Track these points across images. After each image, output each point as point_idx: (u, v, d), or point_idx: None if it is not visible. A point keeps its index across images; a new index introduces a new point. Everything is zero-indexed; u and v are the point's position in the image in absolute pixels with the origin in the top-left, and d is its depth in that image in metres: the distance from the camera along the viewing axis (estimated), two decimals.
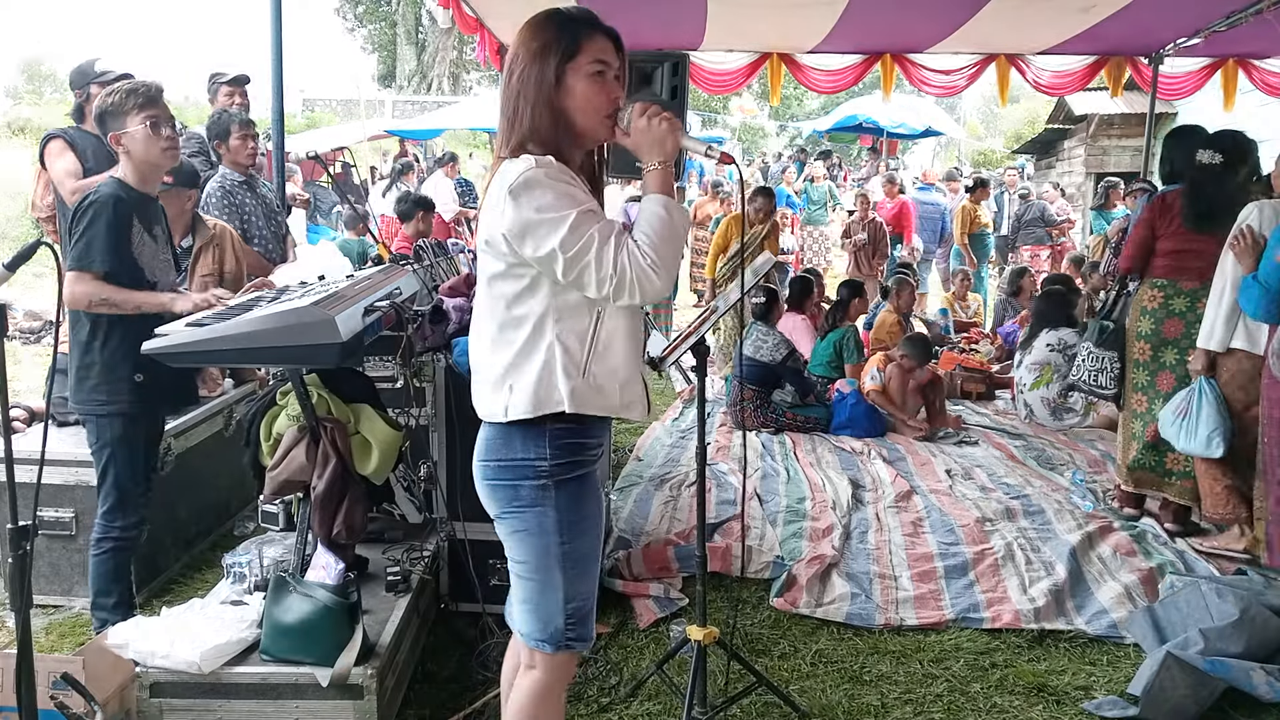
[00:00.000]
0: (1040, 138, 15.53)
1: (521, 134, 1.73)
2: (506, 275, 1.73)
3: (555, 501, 1.77)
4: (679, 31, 6.50)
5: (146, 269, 2.74)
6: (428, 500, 3.09)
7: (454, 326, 3.01)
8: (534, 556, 1.80)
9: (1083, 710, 2.68)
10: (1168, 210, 3.95)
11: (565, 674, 1.92)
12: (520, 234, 1.66)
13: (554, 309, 1.72)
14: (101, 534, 2.82)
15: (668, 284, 1.69)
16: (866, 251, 9.48)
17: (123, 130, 2.70)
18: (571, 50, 1.72)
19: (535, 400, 1.72)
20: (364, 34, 31.53)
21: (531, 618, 1.84)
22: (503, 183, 1.68)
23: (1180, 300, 3.95)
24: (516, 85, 1.74)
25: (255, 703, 2.31)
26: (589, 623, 1.87)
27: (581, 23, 1.75)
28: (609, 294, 1.66)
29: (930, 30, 6.49)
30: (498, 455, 1.79)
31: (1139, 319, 4.07)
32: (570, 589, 1.81)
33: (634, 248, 1.66)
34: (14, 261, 1.79)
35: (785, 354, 5.75)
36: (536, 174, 1.66)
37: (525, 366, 1.73)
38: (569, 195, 1.67)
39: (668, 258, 1.68)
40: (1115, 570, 3.57)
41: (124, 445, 2.77)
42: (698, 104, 22.65)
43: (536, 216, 1.64)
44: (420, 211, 6.15)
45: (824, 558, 3.61)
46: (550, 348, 1.72)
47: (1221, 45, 6.70)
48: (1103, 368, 4.25)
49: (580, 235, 1.63)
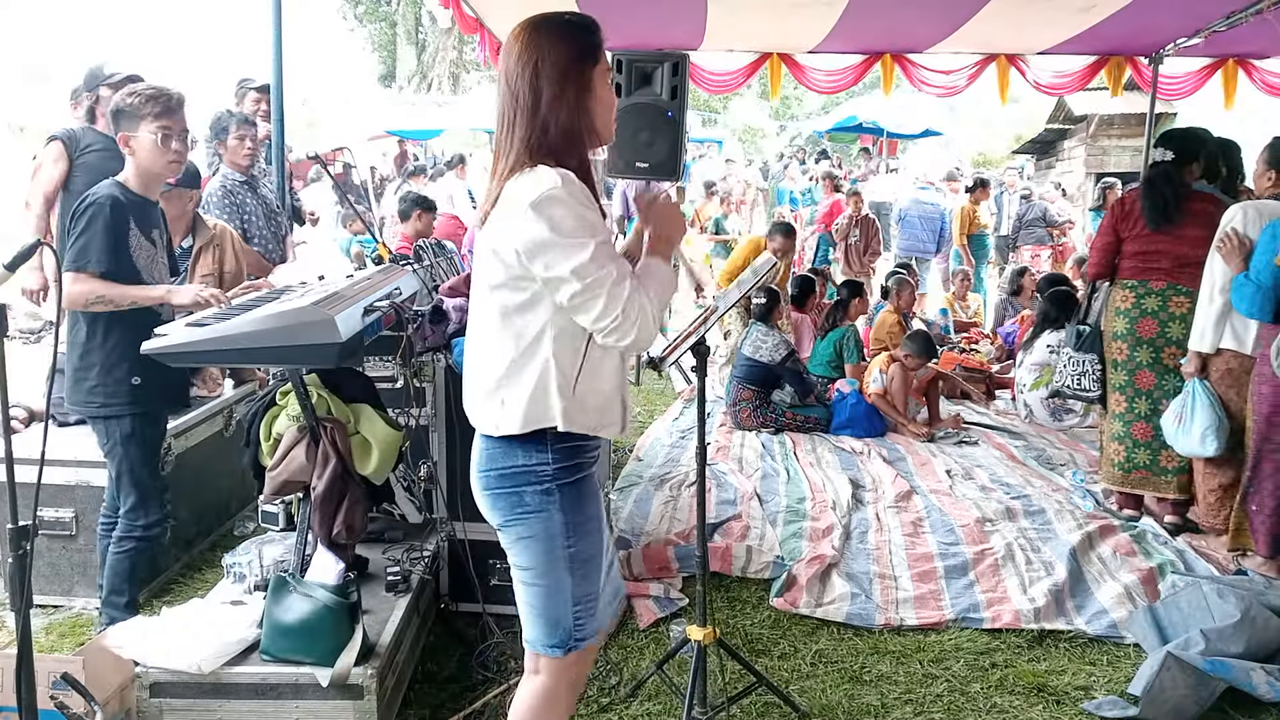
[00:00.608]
0: (1040, 138, 15.53)
1: (538, 139, 1.71)
2: (509, 286, 1.72)
3: (560, 504, 1.77)
4: (679, 31, 6.50)
5: (144, 271, 2.74)
6: (428, 500, 3.09)
7: (454, 326, 3.01)
8: (541, 562, 1.80)
9: (1083, 710, 2.68)
10: (1128, 214, 4.03)
11: (570, 678, 1.92)
12: (533, 251, 1.65)
13: (552, 324, 1.72)
14: (124, 533, 2.82)
15: (655, 336, 1.74)
16: (857, 248, 9.48)
17: (134, 134, 2.70)
18: (598, 55, 1.77)
19: (526, 417, 1.73)
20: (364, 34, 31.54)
21: (539, 623, 1.84)
22: (522, 195, 1.66)
23: (1152, 300, 3.99)
24: (546, 88, 1.72)
25: (255, 703, 2.31)
26: (593, 621, 1.88)
27: (598, 29, 1.80)
28: (605, 328, 1.68)
29: (930, 30, 6.48)
30: (499, 464, 1.79)
31: (1114, 320, 4.11)
32: (578, 590, 1.82)
33: (642, 296, 1.69)
34: (14, 261, 1.79)
35: (785, 355, 5.75)
36: (560, 193, 1.64)
37: (520, 379, 1.73)
38: (590, 223, 1.67)
39: (661, 314, 1.75)
40: (1115, 570, 3.57)
41: (134, 442, 2.77)
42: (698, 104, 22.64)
43: (554, 238, 1.63)
44: (418, 210, 6.15)
45: (824, 558, 3.61)
46: (546, 363, 1.72)
47: (1221, 45, 6.70)
48: (1084, 370, 4.29)
49: (599, 266, 1.64)
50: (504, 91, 1.76)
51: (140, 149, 2.71)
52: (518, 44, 1.75)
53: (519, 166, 1.71)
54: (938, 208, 10.51)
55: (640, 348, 1.74)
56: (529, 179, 1.67)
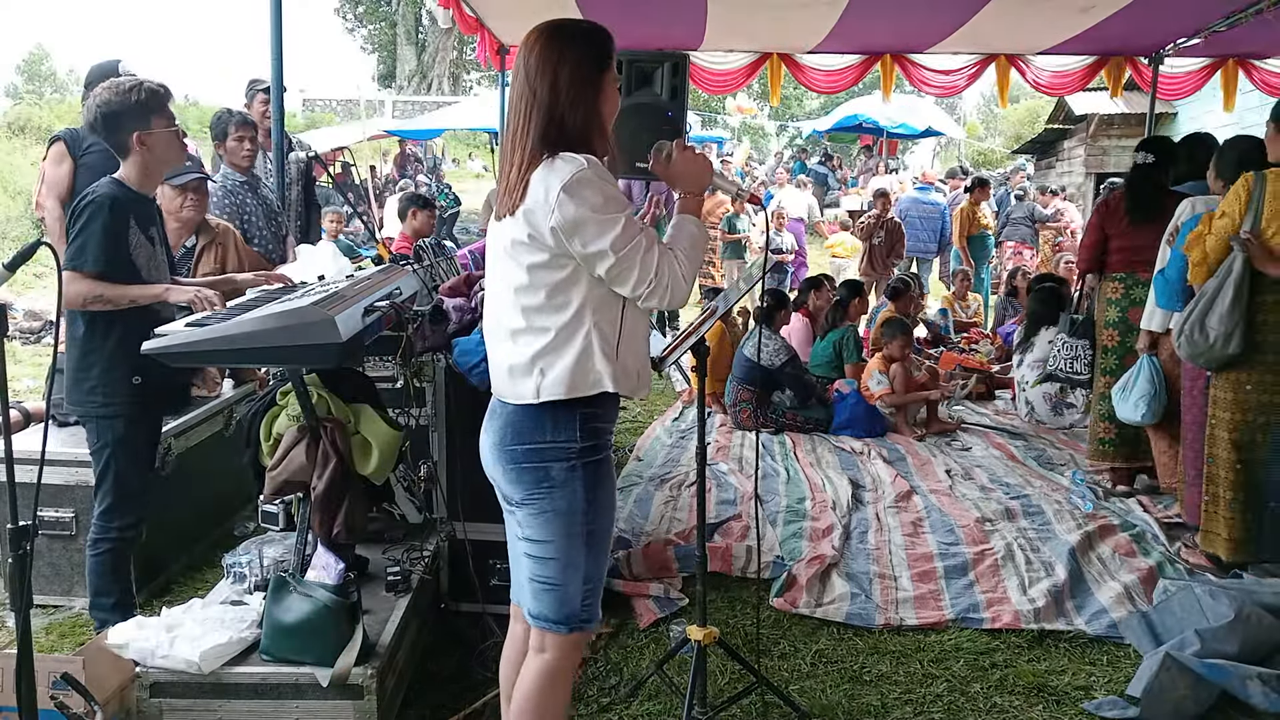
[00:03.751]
0: (1040, 138, 15.53)
1: (555, 134, 1.81)
2: (550, 265, 1.81)
3: (583, 480, 1.87)
4: (679, 31, 6.51)
5: (143, 270, 2.74)
6: (428, 500, 3.09)
7: (454, 326, 3.00)
8: (560, 536, 1.88)
9: (1083, 710, 2.68)
10: (1113, 212, 4.44)
11: (575, 657, 1.99)
12: (571, 230, 1.76)
13: (593, 298, 1.83)
14: (98, 534, 2.80)
15: (690, 291, 1.88)
16: (881, 250, 9.47)
17: (149, 130, 2.69)
18: (609, 59, 1.89)
19: (571, 382, 1.82)
20: (364, 34, 31.55)
21: (548, 598, 1.90)
22: (553, 180, 1.76)
23: (1140, 290, 4.31)
24: (566, 88, 1.82)
25: (255, 703, 2.31)
26: (599, 603, 1.96)
27: (611, 39, 1.91)
28: (643, 294, 1.81)
29: (930, 30, 6.49)
30: (528, 439, 1.87)
31: (1105, 309, 4.52)
32: (590, 568, 1.91)
33: (672, 258, 1.83)
34: (14, 261, 1.78)
35: (785, 360, 5.74)
36: (588, 174, 1.76)
37: (563, 350, 1.83)
38: (616, 199, 1.79)
39: (694, 271, 1.87)
40: (1115, 570, 3.57)
41: (124, 446, 2.76)
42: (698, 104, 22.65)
43: (590, 215, 1.75)
44: (415, 209, 6.16)
45: (824, 558, 3.61)
46: (589, 333, 1.83)
47: (1221, 45, 6.71)
48: (1076, 355, 4.87)
49: (630, 238, 1.77)
50: (523, 89, 1.85)
51: (158, 145, 2.72)
52: (539, 44, 1.85)
53: (536, 159, 1.81)
54: (938, 207, 10.52)
55: (675, 305, 1.87)
56: (557, 166, 1.78)
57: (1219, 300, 3.34)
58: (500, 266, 1.89)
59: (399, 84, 27.99)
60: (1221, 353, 3.35)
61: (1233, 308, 3.31)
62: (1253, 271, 3.29)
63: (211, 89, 27.53)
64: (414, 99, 24.29)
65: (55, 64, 30.07)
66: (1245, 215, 3.29)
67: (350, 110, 21.84)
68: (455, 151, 22.83)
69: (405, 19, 28.55)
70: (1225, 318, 3.32)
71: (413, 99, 24.33)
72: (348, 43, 25.64)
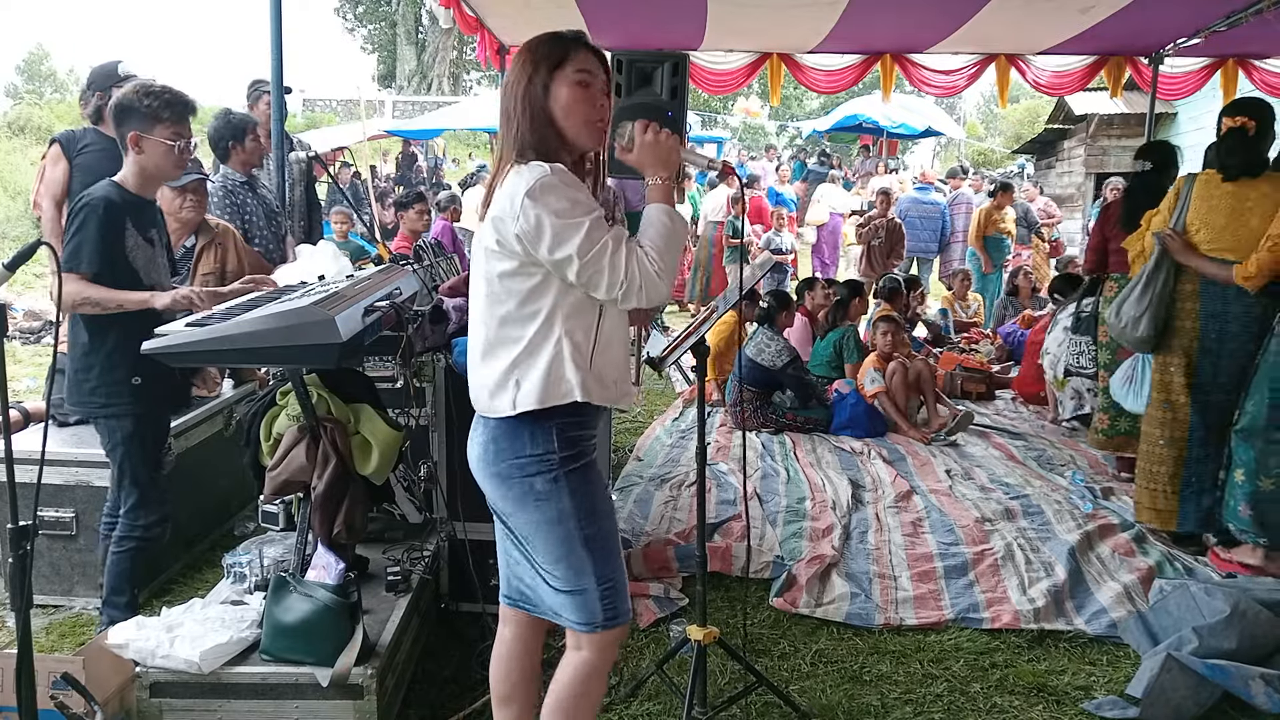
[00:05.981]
0: (1040, 138, 15.54)
1: (521, 143, 1.83)
2: (518, 273, 1.80)
3: (569, 489, 1.85)
4: (679, 31, 6.51)
5: (142, 272, 2.73)
6: (428, 500, 3.08)
7: (454, 326, 3.01)
8: (558, 544, 1.88)
9: (1083, 710, 2.68)
10: (1112, 216, 4.70)
11: (611, 654, 1.99)
12: (535, 236, 1.74)
13: (563, 305, 1.81)
14: (125, 533, 2.81)
15: (670, 288, 1.82)
16: (881, 250, 9.47)
17: (147, 134, 2.69)
18: (559, 59, 1.84)
19: (543, 392, 1.80)
20: (364, 34, 31.55)
21: (572, 603, 1.91)
22: (517, 186, 1.75)
23: None
24: (512, 97, 1.85)
25: (255, 703, 2.31)
26: (624, 599, 1.95)
27: (569, 39, 1.88)
28: (618, 297, 1.77)
29: (930, 30, 6.49)
30: (509, 454, 1.86)
31: (1105, 307, 4.64)
32: (600, 569, 1.89)
33: (642, 255, 1.77)
34: (14, 261, 1.78)
35: (786, 361, 5.74)
36: (551, 180, 1.74)
37: (534, 360, 1.82)
38: (581, 202, 1.76)
39: (671, 264, 1.81)
40: (1115, 570, 3.57)
41: (136, 442, 2.77)
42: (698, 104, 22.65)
43: (553, 220, 1.73)
44: (414, 206, 6.16)
45: (824, 558, 3.61)
46: (559, 342, 1.81)
47: (1221, 45, 6.71)
48: (1081, 350, 5.18)
49: (595, 241, 1.73)
50: (500, 103, 1.92)
51: (151, 151, 2.71)
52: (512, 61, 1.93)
53: (507, 166, 1.83)
54: (938, 207, 10.51)
55: (655, 303, 1.82)
56: (523, 171, 1.78)
57: (1135, 288, 3.69)
58: (476, 278, 1.90)
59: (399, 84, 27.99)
60: (1132, 335, 3.72)
61: (1142, 295, 3.65)
62: (1176, 265, 3.60)
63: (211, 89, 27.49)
64: (414, 99, 24.29)
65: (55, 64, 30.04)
66: (1174, 213, 3.63)
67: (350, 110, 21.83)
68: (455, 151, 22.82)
69: (405, 19, 28.55)
70: (1134, 304, 3.68)
71: (413, 99, 24.33)
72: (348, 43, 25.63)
